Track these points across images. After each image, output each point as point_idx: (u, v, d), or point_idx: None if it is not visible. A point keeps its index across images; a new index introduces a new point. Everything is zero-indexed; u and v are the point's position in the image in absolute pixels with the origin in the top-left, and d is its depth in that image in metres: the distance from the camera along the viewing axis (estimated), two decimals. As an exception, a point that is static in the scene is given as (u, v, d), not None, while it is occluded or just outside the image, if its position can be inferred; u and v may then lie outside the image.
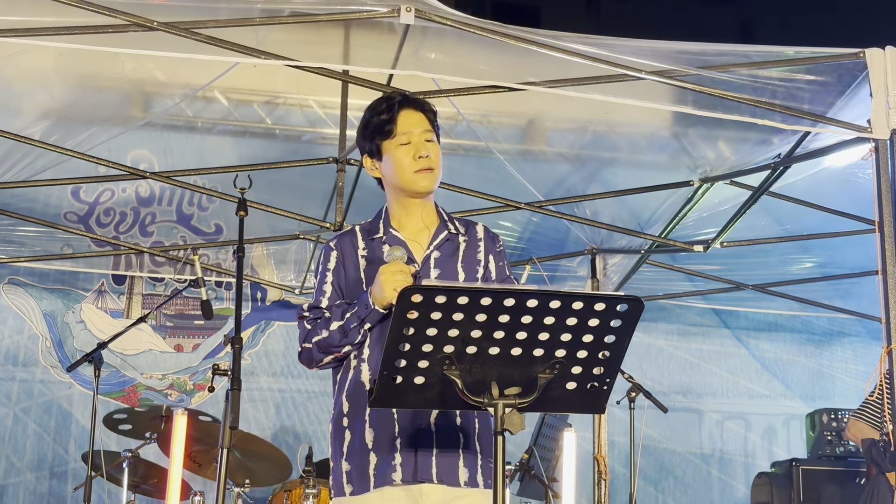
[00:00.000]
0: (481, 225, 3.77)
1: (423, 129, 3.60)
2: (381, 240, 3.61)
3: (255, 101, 7.79)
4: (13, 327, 8.15)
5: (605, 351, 2.87)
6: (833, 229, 7.46)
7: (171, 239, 8.13)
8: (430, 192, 3.64)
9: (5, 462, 7.93)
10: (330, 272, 3.64)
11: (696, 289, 8.65)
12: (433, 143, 3.61)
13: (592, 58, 5.25)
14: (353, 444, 3.47)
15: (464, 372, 2.84)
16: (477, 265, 3.66)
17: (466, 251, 3.66)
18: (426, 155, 3.56)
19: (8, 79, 6.18)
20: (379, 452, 3.42)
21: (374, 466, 3.42)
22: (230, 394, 4.10)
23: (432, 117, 3.66)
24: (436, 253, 3.61)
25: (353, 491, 3.45)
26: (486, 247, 3.71)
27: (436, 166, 3.59)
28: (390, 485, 3.40)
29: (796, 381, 9.30)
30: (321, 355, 3.52)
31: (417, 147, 3.57)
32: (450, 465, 3.44)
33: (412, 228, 3.65)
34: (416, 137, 3.58)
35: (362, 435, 3.46)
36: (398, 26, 5.45)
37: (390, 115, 3.60)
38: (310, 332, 3.53)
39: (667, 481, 8.95)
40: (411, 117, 3.62)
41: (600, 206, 7.54)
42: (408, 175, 3.57)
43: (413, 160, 3.56)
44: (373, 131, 3.64)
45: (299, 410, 8.37)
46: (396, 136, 3.58)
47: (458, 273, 3.60)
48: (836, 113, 5.46)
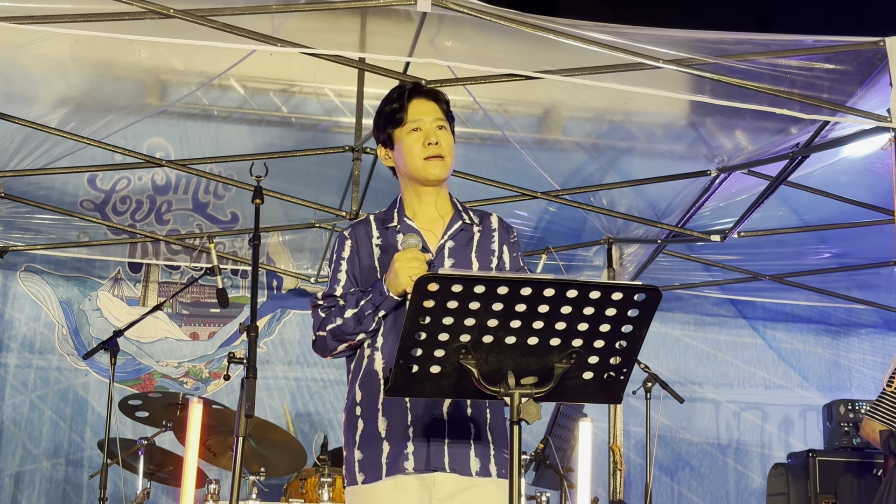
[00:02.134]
0: (496, 215, 3.76)
1: (434, 117, 3.60)
2: (395, 229, 3.60)
3: (271, 90, 7.79)
4: (30, 315, 8.17)
5: (622, 340, 2.86)
6: (851, 219, 7.43)
7: (187, 227, 8.14)
8: (441, 180, 3.63)
9: (22, 449, 7.95)
10: (344, 261, 3.64)
11: (712, 279, 8.63)
12: (445, 130, 3.60)
13: (610, 46, 5.23)
14: (365, 433, 3.47)
15: (480, 361, 2.83)
16: (491, 255, 3.65)
17: (481, 241, 3.65)
18: (436, 142, 3.56)
19: (25, 66, 6.18)
20: (392, 441, 3.42)
21: (386, 455, 3.42)
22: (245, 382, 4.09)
23: (445, 107, 3.65)
24: (450, 242, 3.60)
25: (366, 479, 3.44)
26: (501, 237, 3.70)
27: (446, 154, 3.59)
28: (403, 473, 3.39)
29: (813, 372, 9.27)
30: (335, 343, 3.52)
31: (427, 134, 3.56)
32: (462, 454, 3.43)
33: (426, 218, 3.64)
34: (426, 125, 3.57)
35: (375, 424, 3.45)
36: (415, 14, 5.44)
37: (401, 103, 3.61)
38: (324, 321, 3.53)
39: (682, 471, 8.93)
40: (422, 105, 3.62)
41: (617, 196, 7.53)
42: (418, 162, 3.57)
43: (423, 147, 3.56)
44: (385, 120, 3.65)
45: (314, 399, 8.38)
46: (407, 124, 3.58)
47: (472, 263, 3.59)
48: (856, 102, 5.43)
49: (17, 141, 6.68)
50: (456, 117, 3.74)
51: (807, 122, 5.89)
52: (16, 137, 6.65)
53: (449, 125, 3.64)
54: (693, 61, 5.30)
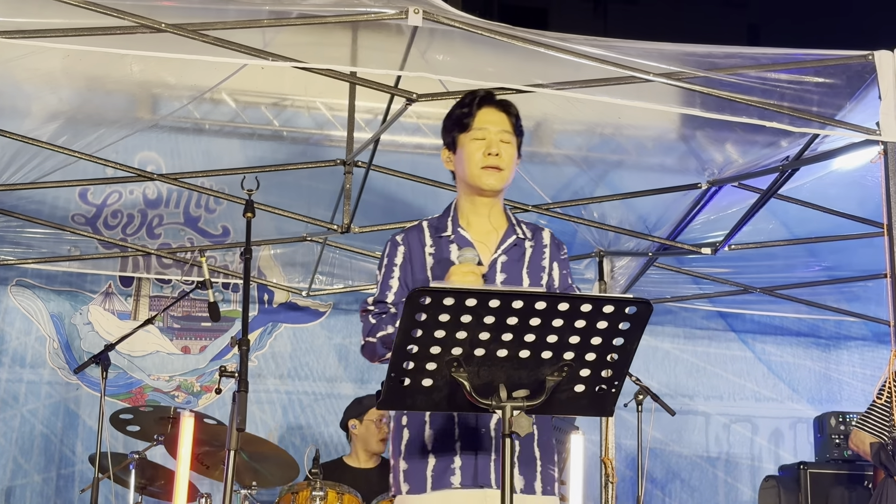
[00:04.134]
0: (548, 231, 3.77)
1: (500, 128, 3.61)
2: (448, 238, 3.61)
3: (262, 103, 7.79)
4: (21, 329, 8.15)
5: (613, 353, 2.87)
6: (841, 232, 7.44)
7: (179, 241, 8.13)
8: (496, 191, 3.63)
9: (12, 463, 7.93)
10: (397, 267, 3.62)
11: (703, 292, 8.64)
12: (509, 144, 3.61)
13: (600, 60, 5.24)
14: (411, 444, 3.48)
15: (472, 374, 2.84)
16: (541, 272, 3.66)
17: (532, 257, 3.66)
18: (496, 153, 3.56)
19: (16, 80, 6.18)
20: (437, 454, 3.43)
21: (432, 468, 3.43)
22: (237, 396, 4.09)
23: (515, 120, 3.66)
24: (503, 257, 3.61)
25: (410, 490, 3.45)
26: (552, 254, 3.71)
27: (505, 167, 3.60)
28: (449, 488, 3.40)
29: (803, 385, 9.28)
30: (384, 350, 3.50)
31: (489, 144, 3.57)
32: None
33: (480, 229, 3.65)
34: (491, 135, 3.58)
35: (421, 435, 3.46)
36: (406, 28, 5.44)
37: (470, 108, 3.61)
38: (374, 327, 3.52)
39: (673, 484, 8.93)
40: (491, 115, 3.63)
41: (608, 209, 7.54)
42: (475, 170, 3.57)
43: (483, 156, 3.56)
44: (452, 123, 3.66)
45: (306, 412, 8.36)
46: (472, 130, 3.60)
47: (523, 279, 3.60)
48: (845, 115, 5.45)
49: (8, 155, 6.68)
50: (446, 130, 3.74)
51: (797, 135, 5.91)
52: (7, 151, 6.65)
53: (515, 139, 3.64)
54: (683, 75, 5.32)
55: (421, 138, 7.48)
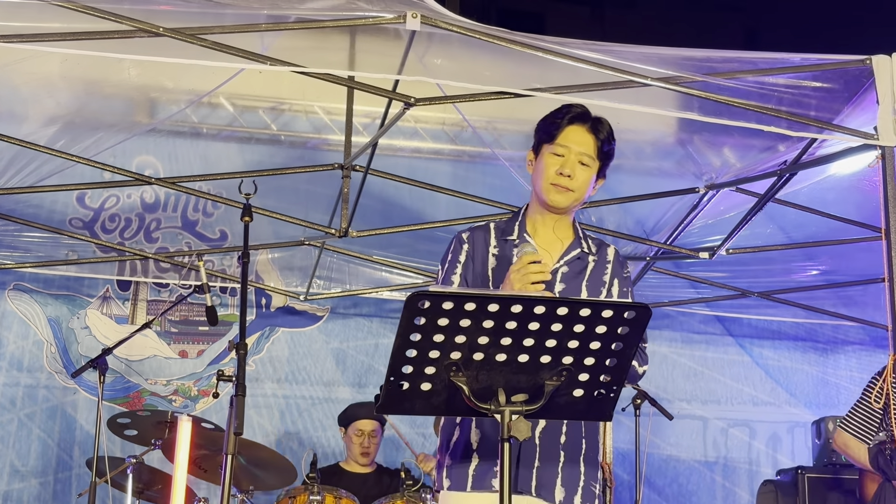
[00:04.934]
0: (613, 248, 3.77)
1: (582, 150, 3.59)
2: (513, 242, 3.62)
3: (260, 108, 7.79)
4: (18, 333, 8.15)
5: (611, 358, 2.87)
6: (839, 236, 7.44)
7: (176, 245, 8.13)
8: (560, 210, 3.63)
9: (10, 468, 7.92)
10: (460, 264, 3.64)
11: (700, 296, 8.64)
12: (587, 167, 3.60)
13: (598, 64, 5.24)
14: (458, 442, 3.51)
15: (471, 378, 2.83)
16: (601, 286, 3.65)
17: (594, 271, 3.66)
18: (568, 175, 3.56)
19: (14, 85, 6.18)
20: (481, 455, 3.45)
21: (474, 468, 3.45)
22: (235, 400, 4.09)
23: (602, 145, 3.63)
24: (564, 268, 3.61)
25: (451, 486, 3.48)
26: (614, 270, 3.70)
27: (576, 189, 3.59)
28: (489, 490, 3.41)
29: (800, 389, 9.28)
30: None
31: (565, 164, 3.58)
32: (549, 480, 3.45)
33: (546, 237, 3.66)
34: (571, 154, 3.59)
35: (468, 433, 3.49)
36: (404, 32, 5.44)
37: (560, 122, 3.62)
38: None
39: (671, 488, 8.93)
40: (578, 134, 3.62)
41: (605, 213, 7.54)
42: (545, 184, 3.59)
43: (555, 174, 3.57)
44: (542, 130, 3.68)
45: (303, 416, 8.36)
46: (554, 145, 3.60)
47: (582, 291, 3.60)
48: (843, 120, 5.46)
49: (5, 159, 6.68)
50: (445, 135, 3.75)
51: (794, 139, 5.91)
52: (4, 155, 6.65)
53: (597, 163, 3.63)
54: (681, 79, 5.32)
55: (419, 142, 7.48)
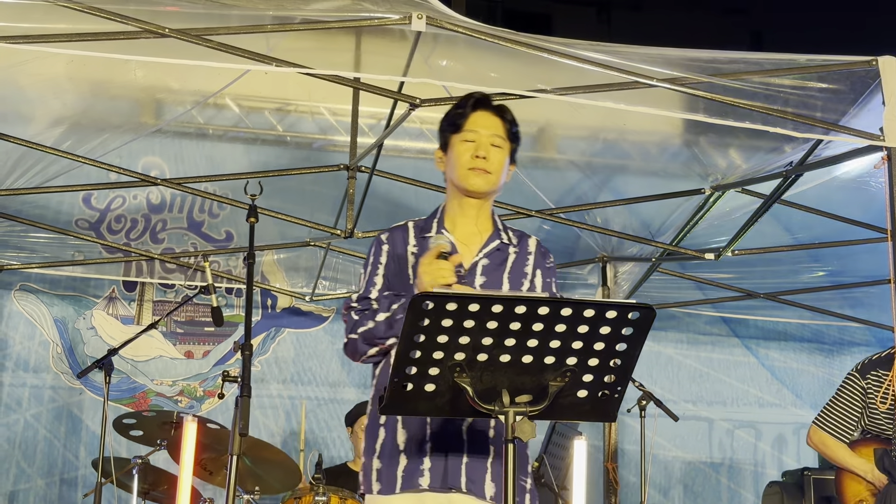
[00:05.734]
0: (534, 238, 3.76)
1: (492, 132, 3.60)
2: (431, 239, 3.59)
3: (266, 109, 7.79)
4: (24, 333, 8.16)
5: (616, 359, 2.87)
6: (845, 238, 7.44)
7: (182, 246, 8.14)
8: (482, 193, 3.63)
9: (16, 468, 7.93)
10: (381, 265, 3.64)
11: (706, 297, 8.63)
12: (500, 148, 3.60)
13: (604, 65, 5.24)
14: (385, 443, 3.48)
15: (475, 379, 2.83)
16: (523, 278, 3.64)
17: (515, 263, 3.65)
18: (483, 156, 3.56)
19: (21, 86, 6.19)
20: (409, 455, 3.43)
21: (402, 468, 3.43)
22: (240, 400, 4.09)
23: (509, 126, 3.65)
24: (484, 260, 3.60)
25: (381, 490, 3.45)
26: (536, 261, 3.69)
27: (493, 171, 3.59)
28: (417, 490, 3.40)
29: (806, 391, 9.27)
30: (365, 347, 3.51)
31: (479, 146, 3.57)
32: (478, 475, 3.43)
33: (465, 231, 3.64)
34: (481, 137, 3.58)
35: (395, 435, 3.46)
36: (409, 34, 5.45)
37: (464, 110, 3.62)
38: (356, 323, 3.52)
39: (676, 490, 8.92)
40: (484, 118, 3.63)
41: (611, 214, 7.54)
42: (462, 171, 3.58)
43: (471, 158, 3.56)
44: (446, 124, 3.67)
45: (309, 417, 8.36)
46: (463, 132, 3.60)
47: (504, 283, 3.59)
48: (849, 121, 5.45)
49: (12, 160, 6.69)
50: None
51: (800, 140, 5.91)
52: (11, 156, 6.66)
53: (508, 145, 3.64)
54: (687, 80, 5.32)
55: (424, 143, 7.48)
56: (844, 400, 5.74)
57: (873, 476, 5.65)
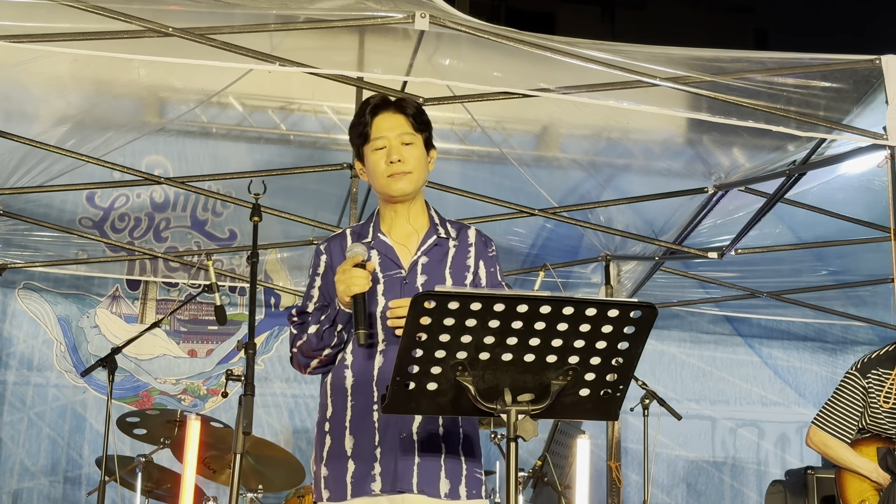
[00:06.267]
0: (474, 229, 3.70)
1: (399, 131, 3.54)
2: (369, 244, 3.56)
3: (269, 107, 7.80)
4: (28, 332, 8.17)
5: (618, 357, 2.87)
6: (848, 237, 7.44)
7: (186, 244, 8.14)
8: (406, 195, 3.58)
9: (19, 466, 7.94)
10: (318, 276, 3.60)
11: (709, 296, 8.64)
12: (411, 145, 3.54)
13: (607, 64, 5.25)
14: (332, 450, 3.46)
15: (476, 378, 2.83)
16: (466, 271, 3.60)
17: (456, 256, 3.61)
18: (398, 160, 3.50)
19: (25, 85, 6.20)
20: (357, 460, 3.40)
21: (351, 474, 3.40)
22: (243, 399, 4.10)
23: (413, 119, 3.58)
24: (423, 258, 3.56)
25: (331, 497, 3.42)
26: (478, 252, 3.64)
27: (412, 169, 3.53)
28: (369, 495, 3.37)
29: (809, 389, 9.27)
30: (305, 360, 3.51)
31: (390, 151, 3.51)
32: (431, 474, 3.40)
33: (401, 232, 3.60)
34: (391, 141, 3.52)
35: (342, 441, 3.43)
36: (413, 32, 5.45)
37: (367, 118, 3.55)
38: (295, 337, 3.52)
39: (679, 488, 8.93)
40: (387, 121, 3.56)
41: (614, 213, 7.54)
42: (381, 180, 3.53)
43: (386, 165, 3.51)
44: (354, 136, 3.61)
45: (312, 416, 8.35)
46: (372, 141, 3.54)
47: (446, 279, 3.54)
48: (852, 120, 5.46)
49: (16, 158, 6.70)
50: (454, 135, 3.73)
51: (803, 139, 5.91)
52: (15, 155, 6.67)
53: (420, 136, 3.58)
54: (690, 79, 5.32)
55: (427, 142, 7.47)
56: (845, 399, 5.73)
57: (878, 476, 5.65)
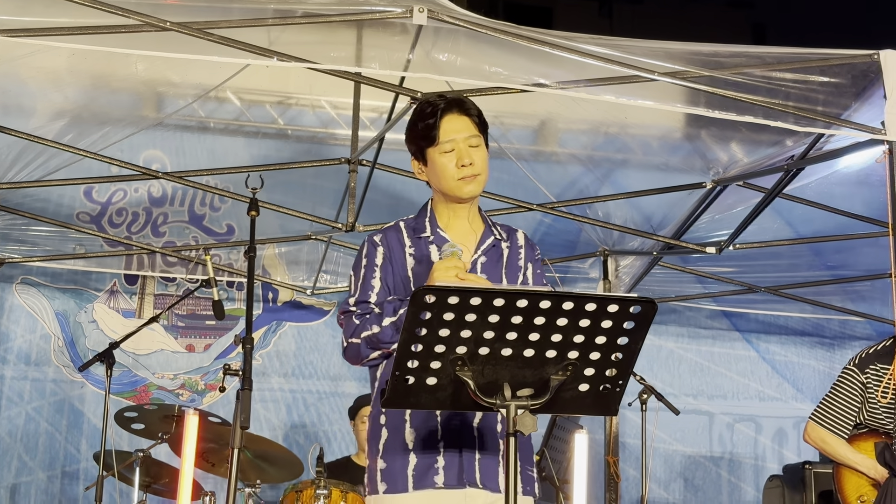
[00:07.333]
0: (522, 232, 3.77)
1: (467, 134, 3.56)
2: (427, 239, 3.59)
3: (267, 102, 7.80)
4: (26, 327, 8.17)
5: (617, 353, 2.87)
6: (846, 232, 7.45)
7: (183, 239, 8.14)
8: (475, 197, 3.64)
9: (17, 461, 7.94)
10: (378, 268, 3.58)
11: (707, 291, 8.64)
12: (478, 147, 3.58)
13: (605, 59, 5.24)
14: (389, 442, 3.45)
15: (476, 373, 2.84)
16: (518, 272, 3.66)
17: (510, 258, 3.66)
18: (469, 163, 3.54)
19: (22, 79, 6.20)
20: (420, 453, 3.40)
21: (413, 467, 3.40)
22: (241, 394, 4.10)
23: (478, 119, 3.62)
24: (482, 258, 3.60)
25: (388, 489, 3.42)
26: (527, 254, 3.72)
27: (481, 171, 3.58)
28: (433, 487, 3.38)
29: (807, 384, 9.28)
30: (369, 351, 3.48)
31: (461, 155, 3.54)
32: (491, 469, 3.43)
33: (459, 231, 3.63)
34: (460, 144, 3.55)
35: (401, 434, 3.43)
36: (411, 27, 5.45)
37: (434, 120, 3.56)
38: (358, 327, 3.48)
39: (676, 483, 8.93)
40: (455, 123, 3.58)
41: (612, 208, 7.54)
42: (451, 183, 3.55)
43: (457, 168, 3.54)
44: (417, 137, 3.61)
45: (310, 411, 8.37)
46: (440, 144, 3.55)
47: (503, 279, 3.58)
48: (850, 115, 5.45)
49: (13, 153, 6.70)
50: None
51: (802, 134, 5.91)
52: (12, 149, 6.67)
53: (483, 138, 3.61)
54: (688, 74, 5.31)
55: (426, 137, 7.46)
56: (843, 395, 5.73)
57: (875, 471, 5.65)
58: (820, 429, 5.76)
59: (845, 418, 5.71)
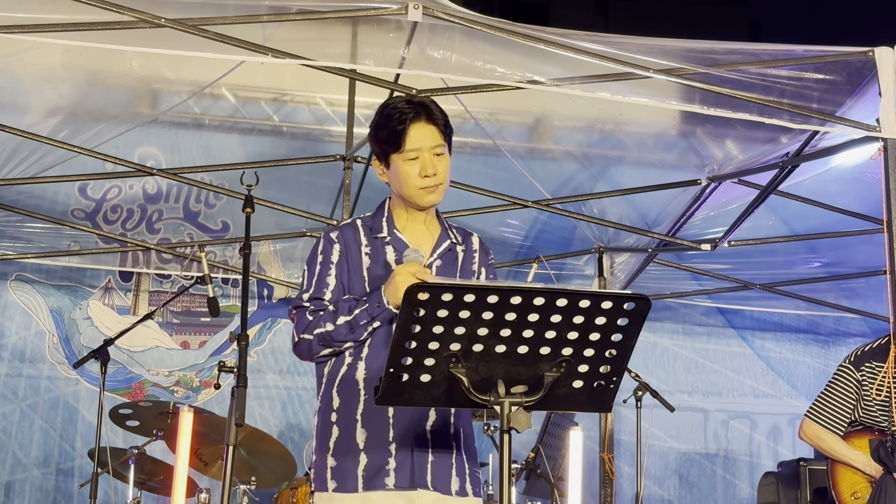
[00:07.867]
0: (476, 236, 3.77)
1: (433, 143, 3.52)
2: (384, 240, 3.58)
3: (262, 99, 7.79)
4: (20, 323, 8.15)
5: (611, 349, 2.87)
6: (841, 229, 7.46)
7: (178, 236, 8.13)
8: (435, 205, 3.62)
9: (12, 458, 7.93)
10: (333, 265, 3.57)
11: (702, 288, 8.65)
12: (443, 156, 3.54)
13: (600, 56, 5.24)
14: (340, 441, 3.46)
15: (470, 370, 2.83)
16: (472, 276, 3.66)
17: (464, 261, 3.66)
18: (433, 173, 3.51)
19: (17, 75, 6.19)
20: (371, 453, 3.40)
21: (363, 467, 3.40)
22: (236, 391, 4.10)
23: (444, 128, 3.57)
24: (438, 261, 3.60)
25: (337, 488, 3.42)
26: (481, 258, 3.72)
27: (443, 181, 3.55)
28: (383, 489, 3.37)
29: (802, 381, 9.29)
30: (320, 348, 3.49)
31: (425, 164, 3.50)
32: (444, 471, 3.43)
33: (416, 233, 3.62)
34: (424, 154, 3.51)
35: (352, 433, 3.44)
36: (406, 24, 5.45)
37: (402, 127, 3.51)
38: (311, 324, 3.48)
39: (671, 480, 8.94)
40: (421, 131, 3.53)
41: (607, 205, 7.54)
42: (413, 191, 3.53)
43: (420, 177, 3.51)
44: (382, 140, 3.57)
45: (305, 408, 8.37)
46: (405, 151, 3.51)
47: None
48: (845, 112, 5.45)
49: (8, 150, 6.69)
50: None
51: (797, 131, 5.91)
52: (7, 146, 6.66)
53: (448, 145, 3.58)
54: (683, 71, 5.32)
55: (420, 134, 7.46)
56: (839, 392, 5.74)
57: (870, 468, 5.66)
58: (815, 426, 5.76)
59: (841, 415, 5.71)
